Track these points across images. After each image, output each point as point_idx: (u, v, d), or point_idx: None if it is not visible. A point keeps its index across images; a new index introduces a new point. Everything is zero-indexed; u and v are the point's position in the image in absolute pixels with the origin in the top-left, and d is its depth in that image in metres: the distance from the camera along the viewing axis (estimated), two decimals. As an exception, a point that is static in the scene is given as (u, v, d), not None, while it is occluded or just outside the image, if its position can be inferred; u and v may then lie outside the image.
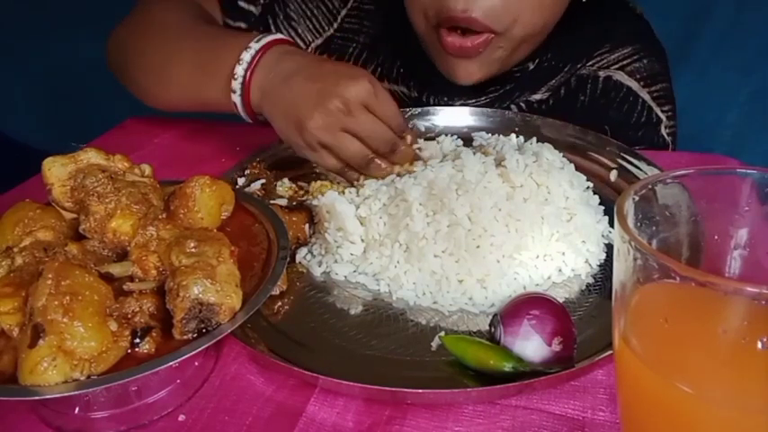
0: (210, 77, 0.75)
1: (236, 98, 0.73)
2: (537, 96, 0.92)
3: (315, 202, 0.69)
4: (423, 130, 0.87)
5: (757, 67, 1.49)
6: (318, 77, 0.69)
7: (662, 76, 0.92)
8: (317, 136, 0.68)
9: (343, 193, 0.71)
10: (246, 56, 0.72)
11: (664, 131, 0.91)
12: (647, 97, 0.91)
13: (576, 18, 0.86)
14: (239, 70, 0.72)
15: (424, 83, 0.92)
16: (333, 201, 0.66)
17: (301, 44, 0.96)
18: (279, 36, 0.75)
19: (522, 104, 0.92)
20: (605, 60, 0.92)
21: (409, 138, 0.73)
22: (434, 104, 0.92)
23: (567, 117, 0.84)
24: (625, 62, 0.91)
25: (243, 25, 0.94)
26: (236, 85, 0.72)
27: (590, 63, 0.92)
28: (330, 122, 0.67)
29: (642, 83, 0.91)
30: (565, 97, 0.92)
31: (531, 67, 0.90)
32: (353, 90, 0.67)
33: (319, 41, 0.96)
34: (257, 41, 0.73)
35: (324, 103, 0.66)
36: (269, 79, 0.71)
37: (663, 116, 0.91)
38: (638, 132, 0.91)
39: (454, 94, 0.91)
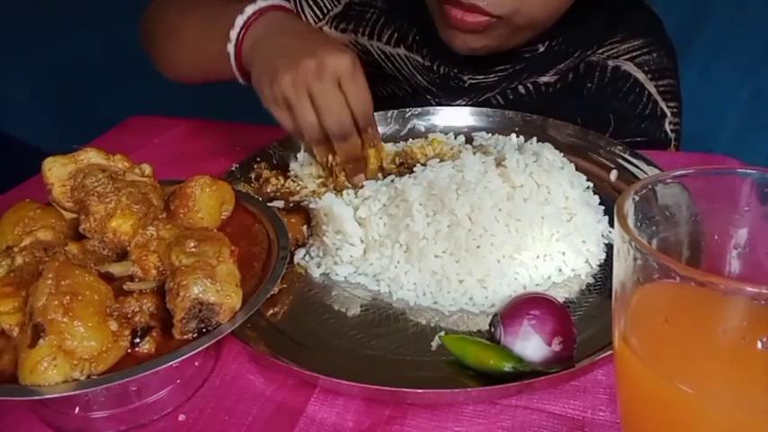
0: (214, 30, 0.78)
1: (231, 48, 0.75)
2: (545, 79, 0.92)
3: (312, 205, 0.69)
4: (423, 129, 0.87)
5: (757, 67, 1.49)
6: (308, 39, 0.71)
7: (670, 72, 0.92)
8: (283, 90, 0.68)
9: (341, 194, 0.70)
10: (249, 9, 0.75)
11: (667, 127, 0.91)
12: (653, 90, 0.91)
13: (591, 6, 0.86)
14: (239, 20, 0.75)
15: (436, 53, 0.93)
16: (330, 203, 0.66)
17: (319, 12, 0.97)
18: (284, 2, 0.78)
19: (530, 85, 0.92)
20: (615, 50, 0.92)
21: (371, 136, 0.73)
22: (444, 74, 0.92)
23: (573, 102, 0.84)
24: (635, 53, 0.91)
25: None
26: (233, 33, 0.75)
27: (600, 51, 0.92)
28: (298, 79, 0.67)
29: (650, 75, 0.91)
30: (572, 82, 0.92)
31: (541, 49, 0.90)
32: (333, 59, 0.68)
33: (338, 9, 0.97)
34: (264, 0, 0.76)
35: (301, 61, 0.67)
36: (262, 33, 0.74)
37: (668, 111, 0.91)
38: (642, 124, 0.91)
39: (464, 67, 0.91)
